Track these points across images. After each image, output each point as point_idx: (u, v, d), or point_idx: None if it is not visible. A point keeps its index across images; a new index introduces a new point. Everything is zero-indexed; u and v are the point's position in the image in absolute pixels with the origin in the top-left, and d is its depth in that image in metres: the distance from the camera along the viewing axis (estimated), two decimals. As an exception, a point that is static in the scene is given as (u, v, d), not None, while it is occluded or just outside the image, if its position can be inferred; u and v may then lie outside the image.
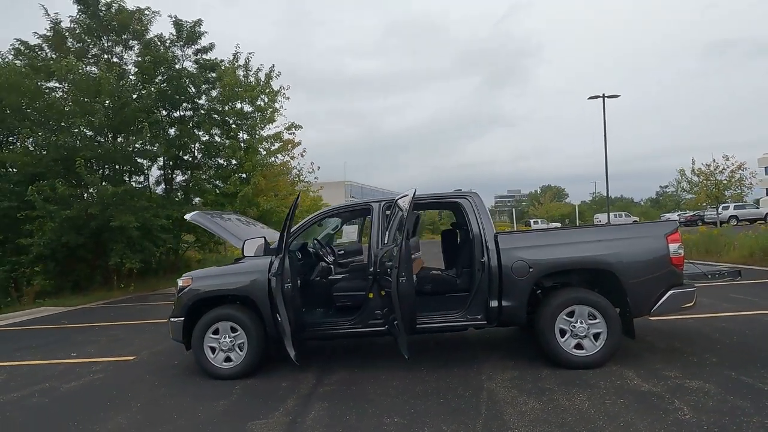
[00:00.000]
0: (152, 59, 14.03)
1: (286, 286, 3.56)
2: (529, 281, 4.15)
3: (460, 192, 4.69)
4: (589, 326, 4.07)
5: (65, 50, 13.86)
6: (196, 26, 15.69)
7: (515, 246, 4.26)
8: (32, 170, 10.56)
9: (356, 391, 3.87)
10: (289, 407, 3.59)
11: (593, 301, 4.05)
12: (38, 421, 3.66)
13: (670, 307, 4.10)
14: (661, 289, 4.06)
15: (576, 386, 3.66)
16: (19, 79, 10.88)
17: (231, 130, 15.60)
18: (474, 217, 4.42)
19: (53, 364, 5.42)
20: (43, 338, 7.26)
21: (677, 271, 4.09)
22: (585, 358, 4.05)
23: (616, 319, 4.04)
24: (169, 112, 15.65)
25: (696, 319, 5.63)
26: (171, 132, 15.56)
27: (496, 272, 4.20)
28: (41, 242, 10.29)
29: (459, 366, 4.40)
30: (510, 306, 4.20)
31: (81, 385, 4.53)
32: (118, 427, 3.42)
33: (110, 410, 3.76)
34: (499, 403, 3.44)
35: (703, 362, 4.07)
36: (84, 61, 13.94)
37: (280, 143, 16.26)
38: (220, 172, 15.53)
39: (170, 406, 3.82)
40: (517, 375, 4.05)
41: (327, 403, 3.65)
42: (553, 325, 4.08)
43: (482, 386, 3.82)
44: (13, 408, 3.92)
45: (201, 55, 15.93)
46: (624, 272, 4.05)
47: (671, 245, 4.07)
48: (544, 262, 4.17)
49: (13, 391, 4.38)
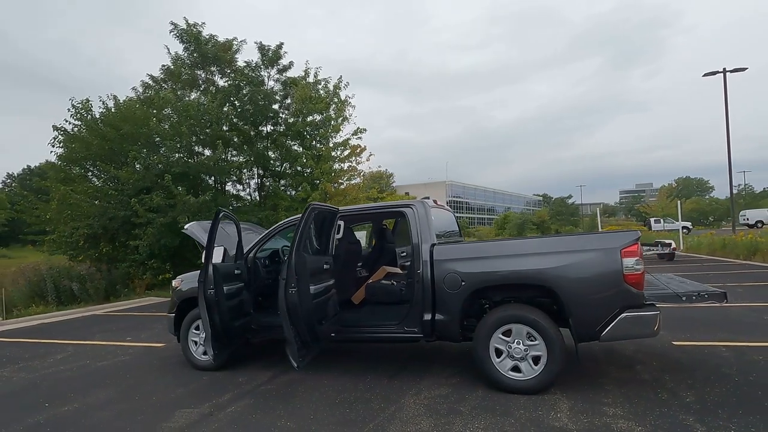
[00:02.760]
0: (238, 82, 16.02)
1: (209, 292, 3.98)
2: (461, 295, 3.95)
3: (406, 202, 4.61)
4: (528, 348, 3.73)
5: (183, 81, 16.67)
6: (278, 49, 17.59)
7: (449, 258, 4.08)
8: (140, 185, 12.94)
9: (288, 393, 4.13)
10: (221, 400, 4.01)
11: (532, 321, 3.69)
12: (52, 390, 4.66)
13: (623, 332, 3.54)
14: (612, 311, 3.53)
15: (489, 412, 3.42)
16: (132, 112, 13.40)
17: (305, 141, 16.94)
18: (415, 227, 4.34)
19: (107, 345, 6.70)
20: (127, 323, 8.91)
21: (633, 290, 3.50)
22: (521, 382, 3.72)
23: (558, 341, 3.62)
24: (257, 127, 17.66)
25: (711, 347, 4.69)
26: (260, 146, 17.62)
27: (429, 284, 4.08)
28: (145, 244, 12.56)
29: (403, 378, 4.36)
30: (443, 320, 4.05)
31: (108, 364, 5.58)
32: (95, 400, 4.20)
33: (104, 386, 4.61)
34: (395, 419, 3.41)
35: (667, 401, 3.45)
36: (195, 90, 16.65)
37: (348, 149, 17.10)
38: (298, 179, 16.99)
39: (149, 387, 4.51)
40: (447, 393, 3.90)
41: (253, 400, 3.98)
42: (487, 343, 3.84)
43: (400, 401, 3.78)
44: (45, 379, 5.03)
45: (282, 74, 17.79)
46: (565, 290, 3.61)
47: (626, 260, 3.50)
48: (476, 276, 3.92)
49: (59, 365, 5.59)
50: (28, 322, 9.91)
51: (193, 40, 16.30)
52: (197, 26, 16.10)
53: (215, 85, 17.09)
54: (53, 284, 12.31)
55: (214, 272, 4.00)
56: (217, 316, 4.00)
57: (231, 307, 4.10)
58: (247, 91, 16.11)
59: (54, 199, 13.18)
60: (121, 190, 12.92)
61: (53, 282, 12.35)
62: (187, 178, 13.62)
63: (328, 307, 4.19)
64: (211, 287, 3.98)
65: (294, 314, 3.63)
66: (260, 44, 17.30)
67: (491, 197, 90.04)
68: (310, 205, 3.80)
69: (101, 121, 13.60)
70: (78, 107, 13.54)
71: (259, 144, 17.49)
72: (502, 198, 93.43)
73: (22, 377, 5.15)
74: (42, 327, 8.98)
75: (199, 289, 4.06)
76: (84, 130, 13.58)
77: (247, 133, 16.95)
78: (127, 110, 13.55)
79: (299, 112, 16.51)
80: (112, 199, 12.78)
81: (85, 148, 13.39)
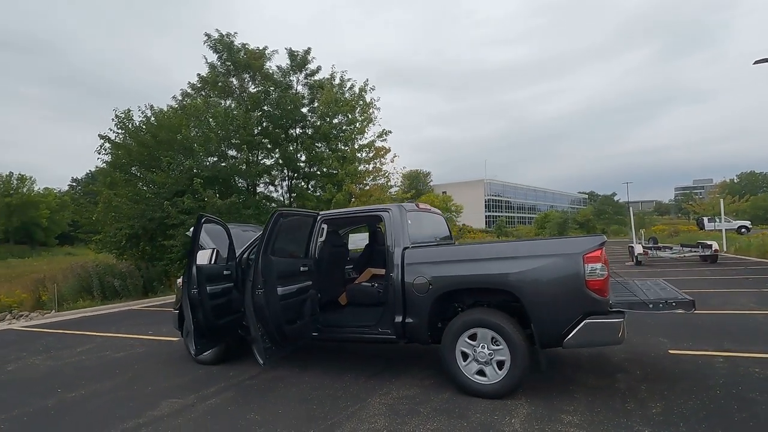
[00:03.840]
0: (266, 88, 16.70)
1: (192, 292, 4.28)
2: (429, 298, 4.01)
3: (384, 206, 4.71)
4: (493, 352, 3.74)
5: (218, 89, 17.61)
6: (306, 54, 18.22)
7: (418, 262, 4.15)
8: (174, 188, 13.79)
9: (268, 388, 4.36)
10: (207, 392, 4.30)
11: (496, 325, 3.70)
12: (69, 377, 5.15)
13: (586, 339, 3.47)
14: (575, 318, 3.47)
15: (446, 415, 3.48)
16: (167, 120, 14.32)
17: (331, 143, 17.35)
18: (389, 231, 4.43)
19: (130, 337, 7.27)
20: (155, 318, 9.57)
21: (596, 297, 3.42)
22: (486, 386, 3.74)
23: (522, 346, 3.61)
24: (286, 131, 18.30)
25: (708, 357, 4.49)
26: (291, 148, 18.27)
27: (400, 287, 4.17)
28: (178, 243, 13.39)
29: (381, 377, 4.48)
30: (413, 323, 4.13)
31: (124, 355, 6.07)
32: (100, 388, 4.63)
33: (112, 375, 5.05)
34: (353, 417, 3.54)
35: (630, 411, 3.36)
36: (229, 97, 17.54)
37: (373, 151, 17.33)
38: (324, 180, 17.44)
39: (150, 378, 4.90)
40: (415, 394, 3.98)
41: (234, 393, 4.24)
42: (454, 347, 3.88)
43: (367, 400, 3.91)
44: (66, 367, 5.56)
45: (309, 78, 18.40)
46: (527, 295, 3.60)
47: (588, 266, 3.44)
48: (443, 280, 3.98)
49: (82, 355, 6.16)
50: (73, 315, 10.88)
51: (226, 50, 17.13)
52: (230, 36, 16.89)
53: (246, 91, 17.87)
54: (98, 280, 13.39)
55: (198, 273, 4.31)
56: (201, 314, 4.30)
57: (216, 306, 4.39)
58: (276, 96, 16.73)
59: (100, 202, 14.31)
60: (157, 193, 13.83)
61: (98, 278, 13.43)
62: (217, 181, 14.35)
63: (304, 307, 4.37)
64: (194, 287, 4.28)
65: (261, 314, 3.85)
66: (290, 50, 17.99)
67: (532, 195, 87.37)
68: (276, 211, 4.00)
69: (140, 129, 14.63)
70: (120, 117, 14.60)
71: (288, 146, 18.12)
72: (544, 196, 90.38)
73: (48, 365, 5.73)
74: (83, 320, 9.84)
75: (183, 289, 4.37)
76: (126, 138, 14.68)
77: (276, 137, 17.64)
78: (163, 118, 14.48)
79: (325, 115, 16.95)
80: (150, 201, 13.71)
81: (127, 154, 14.45)
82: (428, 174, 74.22)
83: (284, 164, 17.98)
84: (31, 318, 12.16)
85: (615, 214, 56.52)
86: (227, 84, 17.88)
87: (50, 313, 12.19)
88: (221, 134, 14.07)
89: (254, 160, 15.50)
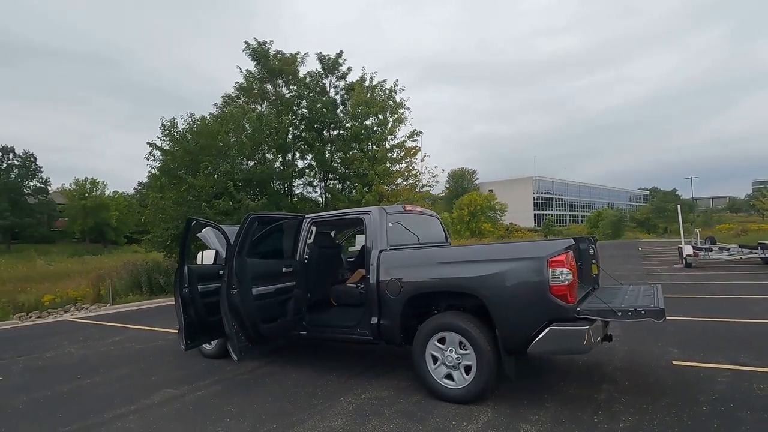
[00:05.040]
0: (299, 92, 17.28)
1: (184, 290, 4.57)
2: (401, 301, 4.04)
3: (365, 209, 4.76)
4: (461, 357, 3.71)
5: (254, 95, 18.48)
6: (337, 57, 18.61)
7: (393, 264, 4.19)
8: (212, 191, 14.64)
9: (256, 383, 4.58)
10: (200, 384, 4.60)
11: (463, 329, 3.67)
12: (91, 365, 5.67)
13: (551, 346, 3.35)
14: (539, 324, 3.36)
15: (407, 417, 3.52)
16: (207, 126, 15.22)
17: (362, 143, 17.60)
18: (369, 234, 4.49)
19: (156, 331, 7.86)
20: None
21: (560, 303, 3.29)
22: (454, 390, 3.72)
23: (488, 352, 3.55)
24: (320, 133, 18.81)
25: (713, 370, 4.15)
26: (328, 149, 18.79)
27: (375, 289, 4.22)
28: (214, 243, 14.26)
29: (363, 377, 4.57)
30: (386, 324, 4.17)
31: (144, 347, 6.59)
32: (112, 376, 5.08)
33: (127, 365, 5.52)
34: (317, 415, 3.66)
35: (596, 424, 3.24)
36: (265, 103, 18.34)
37: (403, 151, 17.35)
38: (354, 180, 17.74)
39: (157, 369, 5.31)
40: (387, 395, 4.04)
41: (221, 387, 4.51)
42: (424, 350, 3.89)
43: (339, 399, 4.01)
44: (94, 356, 6.13)
45: (340, 81, 18.80)
46: (491, 299, 3.53)
47: (552, 270, 3.31)
48: (413, 283, 3.99)
49: (111, 345, 6.75)
50: (122, 308, 11.91)
51: (262, 57, 17.88)
52: (266, 44, 17.61)
53: (281, 96, 18.55)
54: (147, 277, 14.53)
55: (189, 273, 4.61)
56: (192, 311, 4.60)
57: (207, 304, 4.67)
58: (308, 100, 17.25)
59: (149, 204, 15.50)
60: (198, 196, 14.74)
61: (147, 275, 14.57)
62: (251, 183, 15.05)
63: (287, 307, 4.54)
64: (185, 286, 4.59)
65: (235, 313, 4.06)
66: (320, 54, 18.43)
67: (586, 192, 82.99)
68: (249, 215, 4.19)
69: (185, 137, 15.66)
70: (166, 125, 15.71)
71: (323, 149, 18.61)
72: (599, 193, 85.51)
73: (80, 353, 6.35)
74: (127, 313, 10.75)
75: (174, 288, 4.70)
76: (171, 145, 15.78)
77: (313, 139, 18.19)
78: (203, 126, 15.40)
79: (356, 117, 17.22)
80: (191, 204, 14.65)
81: (173, 160, 15.53)
82: (473, 172, 72.88)
83: (318, 166, 18.49)
84: (90, 310, 13.41)
85: (675, 212, 52.42)
86: (263, 90, 18.66)
87: (105, 306, 13.40)
88: (256, 138, 14.74)
89: (291, 161, 16.10)
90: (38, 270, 25.79)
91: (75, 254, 38.51)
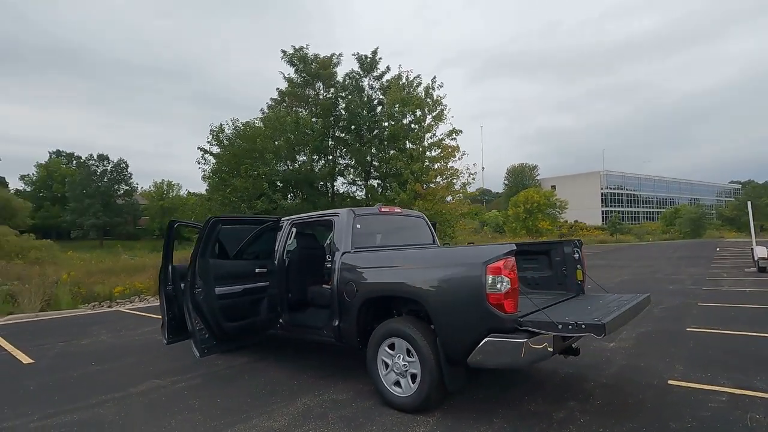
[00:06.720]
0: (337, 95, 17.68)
1: (167, 288, 4.86)
2: (356, 304, 4.00)
3: (335, 211, 4.74)
4: (408, 364, 3.61)
5: (297, 98, 19.22)
6: (374, 56, 18.74)
7: (352, 267, 4.15)
8: (253, 192, 15.45)
9: (233, 378, 4.80)
10: (184, 377, 4.90)
11: (409, 336, 3.57)
12: (111, 353, 6.22)
13: (487, 358, 3.12)
14: (477, 334, 3.15)
15: (347, 423, 3.51)
16: (249, 131, 16.08)
17: (399, 142, 17.57)
18: (336, 236, 4.48)
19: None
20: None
21: (497, 313, 3.07)
22: (401, 398, 3.64)
23: (431, 360, 3.41)
24: (358, 133, 19.09)
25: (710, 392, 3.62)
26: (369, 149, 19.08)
27: (335, 291, 4.21)
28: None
29: (332, 379, 4.60)
30: (345, 327, 4.15)
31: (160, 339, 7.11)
32: (119, 364, 5.57)
33: (136, 354, 6.01)
34: (265, 414, 3.75)
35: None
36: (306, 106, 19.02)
37: (441, 151, 17.06)
38: (391, 179, 17.78)
39: (157, 360, 5.71)
40: (344, 399, 4.04)
41: (201, 380, 4.76)
42: (376, 355, 3.83)
43: (296, 399, 4.08)
44: (119, 344, 6.73)
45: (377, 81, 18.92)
46: (431, 305, 3.41)
47: (489, 278, 3.09)
48: (365, 286, 3.94)
49: (137, 336, 7.37)
50: (169, 301, 12.89)
51: (301, 62, 18.48)
52: (302, 49, 18.19)
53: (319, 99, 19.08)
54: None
55: (173, 271, 4.91)
56: (175, 307, 4.89)
57: None
58: (346, 102, 17.57)
59: (197, 205, 16.72)
60: (240, 197, 15.62)
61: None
62: (290, 183, 15.67)
63: (260, 306, 4.68)
64: (169, 284, 4.89)
65: (199, 312, 4.24)
66: (357, 54, 18.65)
67: (663, 187, 75.67)
68: (210, 218, 4.35)
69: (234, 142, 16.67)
70: (215, 131, 16.81)
71: (362, 149, 18.87)
72: (679, 187, 77.57)
73: (110, 342, 7.01)
74: (171, 306, 11.62)
75: (159, 286, 5.01)
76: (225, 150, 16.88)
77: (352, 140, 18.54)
78: (246, 130, 16.29)
79: (392, 116, 17.23)
80: (235, 205, 15.56)
81: (220, 163, 16.62)
82: (534, 167, 69.70)
83: (357, 165, 18.82)
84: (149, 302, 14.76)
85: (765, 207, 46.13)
86: (304, 94, 19.30)
87: (156, 298, 14.63)
88: (293, 139, 15.33)
89: (332, 161, 16.57)
90: (121, 264, 28.91)
91: (154, 250, 42.78)
